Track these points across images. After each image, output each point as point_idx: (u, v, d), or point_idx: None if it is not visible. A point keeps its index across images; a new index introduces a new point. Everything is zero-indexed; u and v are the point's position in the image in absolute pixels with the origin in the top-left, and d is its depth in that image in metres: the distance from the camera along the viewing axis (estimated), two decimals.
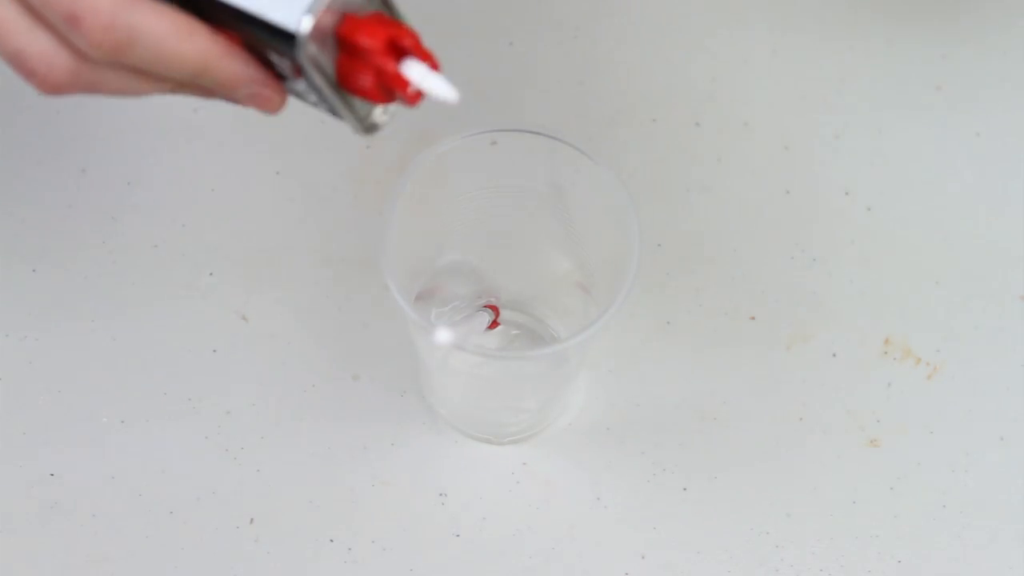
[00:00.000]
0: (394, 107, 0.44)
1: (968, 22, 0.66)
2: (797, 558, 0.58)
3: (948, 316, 0.62)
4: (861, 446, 0.60)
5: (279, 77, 0.42)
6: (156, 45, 0.41)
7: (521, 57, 0.66)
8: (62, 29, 0.40)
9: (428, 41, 0.65)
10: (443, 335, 0.47)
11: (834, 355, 0.61)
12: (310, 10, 0.39)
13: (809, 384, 0.61)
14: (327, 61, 0.40)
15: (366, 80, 0.41)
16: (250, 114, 0.64)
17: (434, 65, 0.41)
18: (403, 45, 0.41)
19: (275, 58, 0.41)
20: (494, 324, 0.57)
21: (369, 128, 0.44)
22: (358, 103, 0.43)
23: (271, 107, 0.44)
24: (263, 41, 0.40)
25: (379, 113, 0.44)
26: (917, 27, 0.66)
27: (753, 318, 0.61)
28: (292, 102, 0.44)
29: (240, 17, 0.40)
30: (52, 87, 0.42)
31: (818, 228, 0.63)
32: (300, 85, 0.42)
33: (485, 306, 0.57)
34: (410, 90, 0.41)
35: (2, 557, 0.57)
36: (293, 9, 0.39)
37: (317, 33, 0.39)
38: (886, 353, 0.61)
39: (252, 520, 0.58)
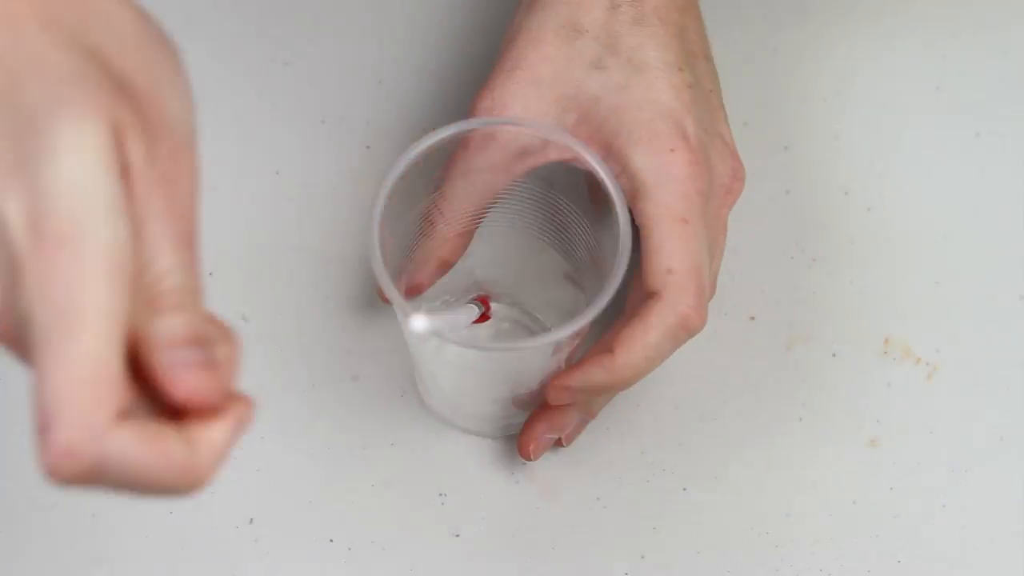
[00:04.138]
0: None
1: (968, 22, 0.66)
2: (797, 558, 0.58)
3: (948, 316, 0.62)
4: (861, 446, 0.60)
5: None
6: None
7: None
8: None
9: (428, 40, 0.65)
10: (419, 322, 0.47)
11: (834, 355, 0.61)
12: None
13: (809, 384, 0.61)
14: None
15: None
16: (250, 114, 0.64)
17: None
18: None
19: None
20: (484, 317, 0.57)
21: None
22: None
23: None
24: None
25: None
26: (917, 27, 0.66)
27: (753, 318, 0.61)
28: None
29: None
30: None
31: (818, 228, 0.63)
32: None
33: (475, 298, 0.57)
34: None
35: (2, 557, 0.57)
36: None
37: None
38: (886, 353, 0.61)
39: (252, 520, 0.58)
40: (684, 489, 0.59)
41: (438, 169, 0.53)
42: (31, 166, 0.35)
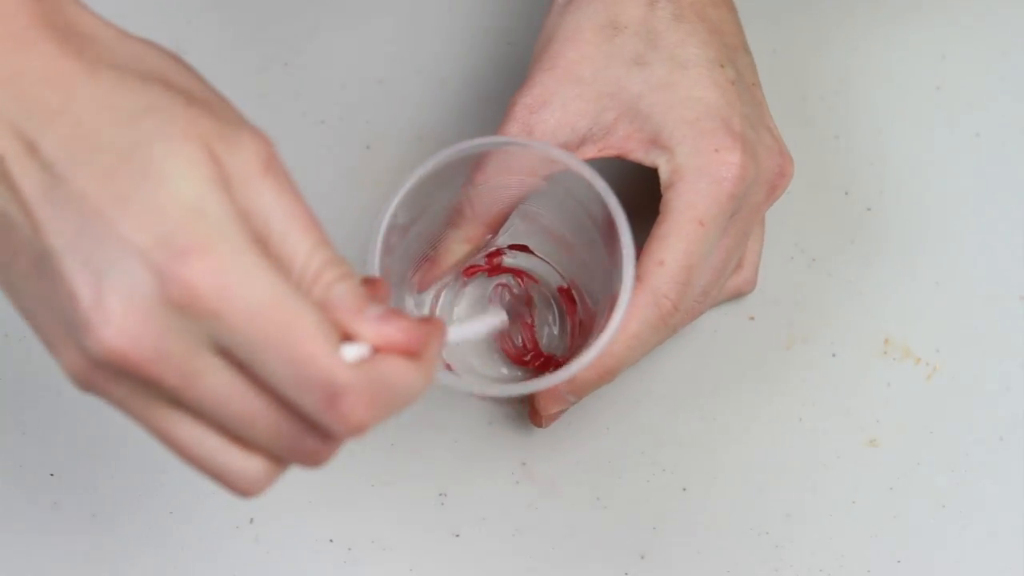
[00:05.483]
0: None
1: (968, 22, 0.66)
2: (797, 558, 0.58)
3: (948, 316, 0.62)
4: (861, 446, 0.60)
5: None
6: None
7: (521, 57, 0.66)
8: (317, 418, 0.39)
9: (428, 41, 0.65)
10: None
11: (834, 355, 0.61)
12: None
13: (809, 384, 0.61)
14: None
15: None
16: (250, 114, 0.64)
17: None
18: None
19: None
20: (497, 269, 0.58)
21: None
22: None
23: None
24: None
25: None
26: (917, 27, 0.66)
27: (753, 318, 0.61)
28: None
29: None
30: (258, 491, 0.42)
31: (818, 228, 0.63)
32: None
33: (487, 254, 0.57)
34: None
35: (2, 557, 0.57)
36: None
37: None
38: (886, 353, 0.61)
39: (252, 520, 0.58)
40: (684, 489, 0.59)
41: (460, 173, 0.53)
42: (143, 193, 0.37)
